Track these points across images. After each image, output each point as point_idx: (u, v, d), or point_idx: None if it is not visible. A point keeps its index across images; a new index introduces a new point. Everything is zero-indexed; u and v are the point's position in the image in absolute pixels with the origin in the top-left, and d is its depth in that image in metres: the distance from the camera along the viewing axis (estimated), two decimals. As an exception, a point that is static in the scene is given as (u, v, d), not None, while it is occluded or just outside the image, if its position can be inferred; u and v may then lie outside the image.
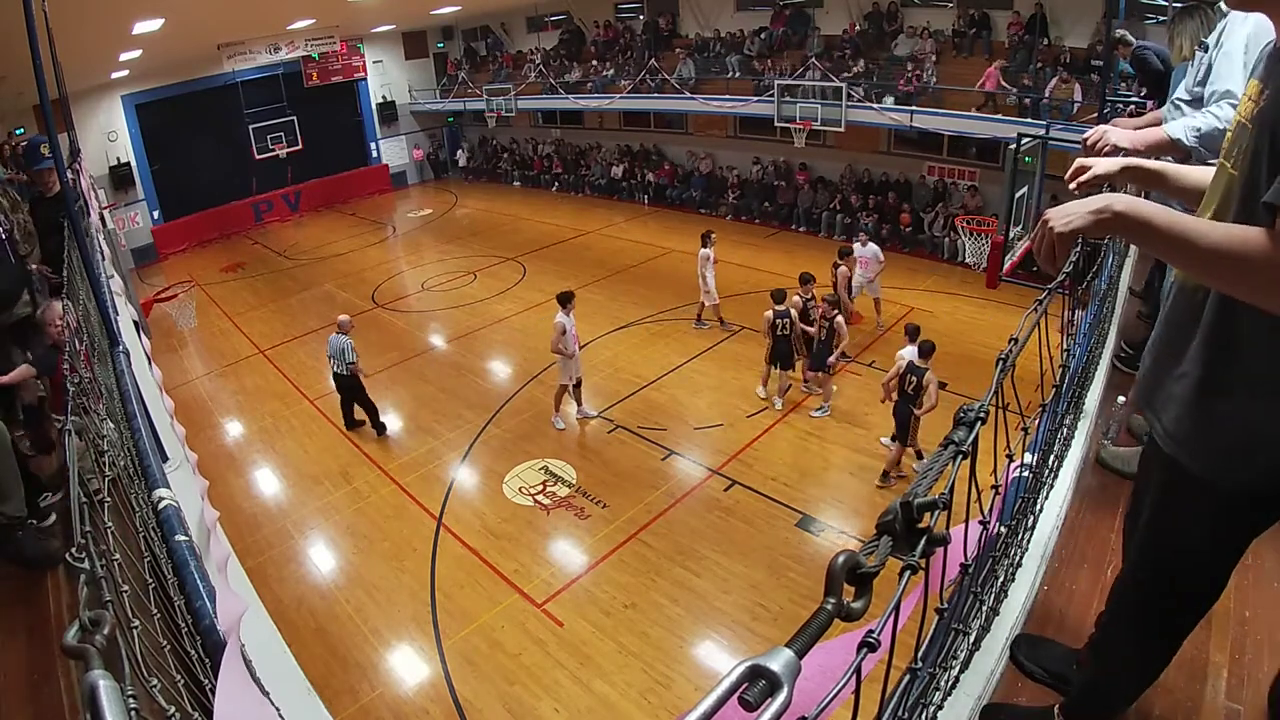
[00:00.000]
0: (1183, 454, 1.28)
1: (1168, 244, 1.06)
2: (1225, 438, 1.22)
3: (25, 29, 2.98)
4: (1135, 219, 1.08)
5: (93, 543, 1.25)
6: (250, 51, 16.46)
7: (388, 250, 16.30)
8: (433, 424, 8.40)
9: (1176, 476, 1.32)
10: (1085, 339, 2.40)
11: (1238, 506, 1.26)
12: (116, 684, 0.88)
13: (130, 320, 5.09)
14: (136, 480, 2.07)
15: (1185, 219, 1.04)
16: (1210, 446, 1.24)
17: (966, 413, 0.95)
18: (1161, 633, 1.48)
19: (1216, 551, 1.35)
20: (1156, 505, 1.44)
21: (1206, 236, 1.00)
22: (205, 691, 1.35)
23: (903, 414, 6.33)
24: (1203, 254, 1.00)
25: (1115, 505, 2.54)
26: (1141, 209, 1.08)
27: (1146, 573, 1.47)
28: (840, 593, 0.65)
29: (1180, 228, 1.03)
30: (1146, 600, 1.48)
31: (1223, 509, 1.27)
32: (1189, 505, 1.32)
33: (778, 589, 5.52)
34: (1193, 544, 1.35)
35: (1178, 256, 1.08)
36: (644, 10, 17.83)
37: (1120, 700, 1.65)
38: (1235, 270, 0.98)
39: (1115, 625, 1.60)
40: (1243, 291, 1.01)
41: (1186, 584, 1.39)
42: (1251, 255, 0.95)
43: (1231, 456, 1.21)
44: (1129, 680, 1.60)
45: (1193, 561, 1.36)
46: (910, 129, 12.41)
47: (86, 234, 3.78)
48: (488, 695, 4.84)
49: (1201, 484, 1.26)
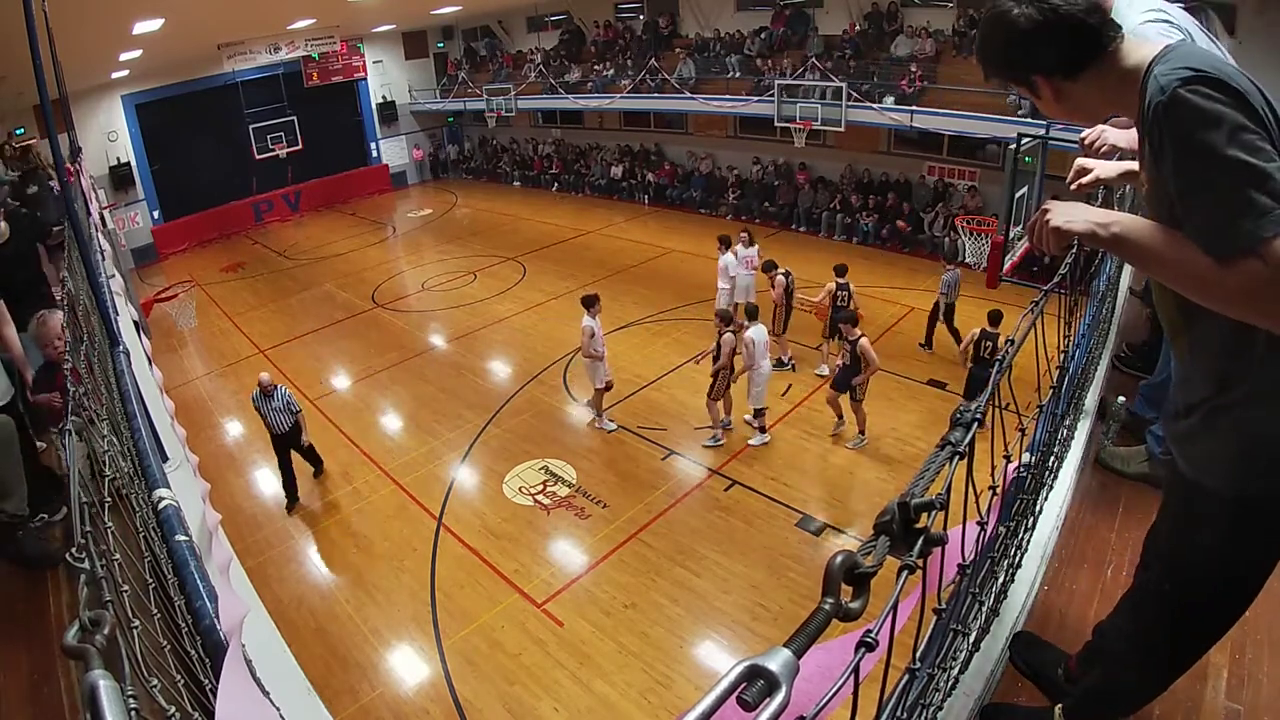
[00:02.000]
0: (1200, 472, 1.29)
1: (1163, 273, 1.10)
2: (1238, 448, 1.22)
3: (25, 29, 2.98)
4: (1134, 245, 1.11)
5: (93, 543, 1.25)
6: (250, 51, 16.46)
7: (388, 250, 16.31)
8: (433, 424, 8.40)
9: (1195, 493, 1.31)
10: (1085, 339, 2.40)
11: (1261, 514, 1.25)
12: (116, 684, 0.88)
13: (130, 320, 5.10)
14: (136, 480, 2.07)
15: (1180, 252, 1.04)
16: (1226, 460, 1.24)
17: (963, 413, 0.95)
18: (1184, 649, 1.47)
19: (1239, 564, 1.33)
20: (1178, 520, 1.43)
21: (1199, 267, 1.01)
22: (205, 691, 1.35)
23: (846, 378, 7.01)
24: (1201, 284, 1.02)
25: (1115, 505, 2.54)
26: (1141, 237, 1.10)
27: (1175, 589, 1.44)
28: (838, 593, 0.65)
29: (1176, 256, 1.05)
30: (1167, 614, 1.45)
31: (1244, 520, 1.26)
32: (1210, 520, 1.31)
33: (777, 589, 5.52)
34: (1216, 558, 1.33)
35: (1178, 285, 1.10)
36: (644, 10, 17.83)
37: (1125, 708, 1.64)
38: (1219, 296, 1.01)
39: (1130, 636, 1.58)
40: (1244, 314, 1.02)
41: (1210, 598, 1.37)
42: (1224, 284, 0.98)
43: (1248, 466, 1.21)
44: (1138, 691, 1.59)
45: (1218, 574, 1.34)
46: (910, 129, 12.41)
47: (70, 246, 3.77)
48: (488, 695, 4.84)
49: (1221, 498, 1.26)
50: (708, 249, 9.74)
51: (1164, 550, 1.50)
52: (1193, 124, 0.96)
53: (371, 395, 9.35)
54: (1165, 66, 1.02)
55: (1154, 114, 1.01)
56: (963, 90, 11.66)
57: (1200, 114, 0.96)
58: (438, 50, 22.22)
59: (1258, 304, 0.96)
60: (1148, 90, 1.04)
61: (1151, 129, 1.03)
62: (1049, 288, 1.50)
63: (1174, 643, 1.47)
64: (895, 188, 13.52)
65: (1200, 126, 0.96)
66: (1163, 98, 0.99)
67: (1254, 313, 0.99)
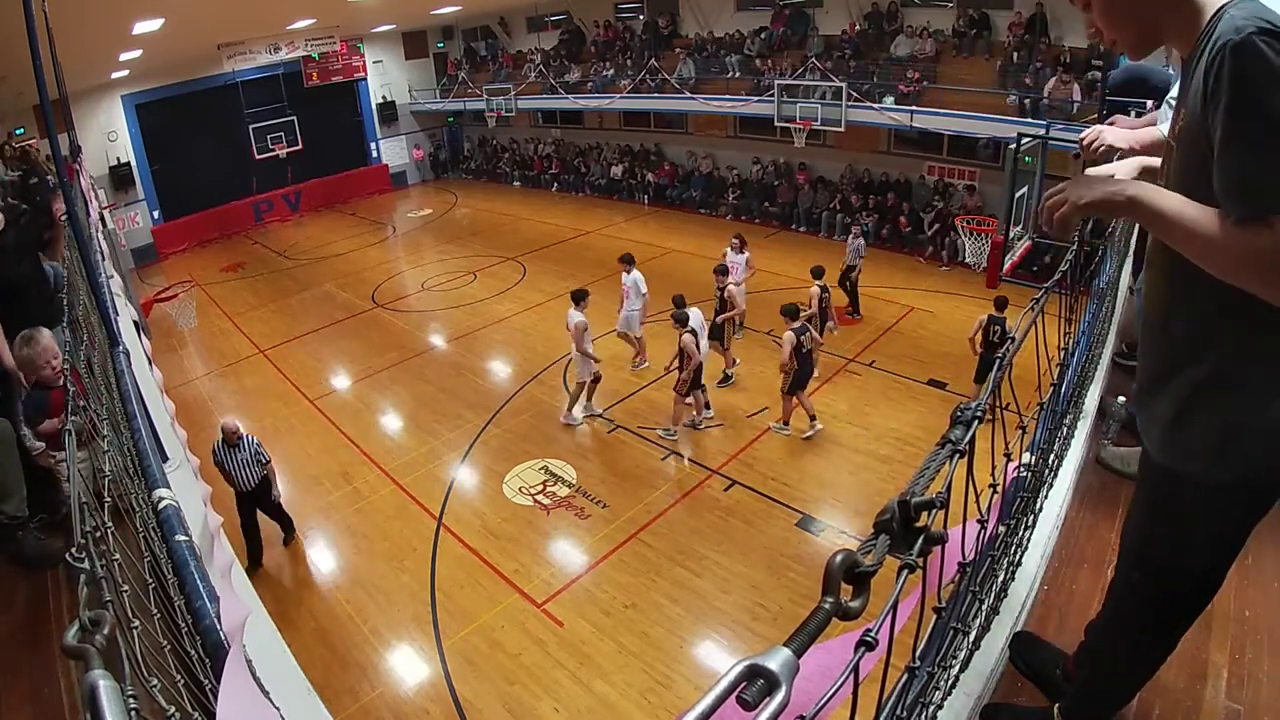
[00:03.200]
0: (1175, 459, 1.30)
1: (1175, 233, 1.08)
2: (1214, 436, 1.23)
3: (25, 29, 2.98)
4: (1149, 208, 1.10)
5: (93, 543, 1.25)
6: (250, 51, 16.46)
7: (388, 250, 16.31)
8: (433, 424, 8.40)
9: (1169, 481, 1.33)
10: (1085, 338, 2.40)
11: (1235, 500, 1.27)
12: (116, 684, 0.88)
13: (130, 320, 5.10)
14: (136, 480, 2.07)
15: (1195, 211, 1.05)
16: (1201, 447, 1.25)
17: (963, 411, 0.95)
18: (1158, 633, 1.49)
19: (1215, 548, 1.36)
20: (1151, 508, 1.45)
21: (1212, 226, 1.01)
22: (205, 691, 1.35)
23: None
24: (1208, 244, 1.02)
25: (1115, 505, 2.54)
26: (1155, 199, 1.10)
27: (1142, 573, 1.47)
28: (838, 592, 0.65)
29: (1189, 218, 1.05)
30: (1142, 601, 1.48)
31: (1218, 506, 1.29)
32: (1185, 506, 1.33)
33: (778, 589, 5.52)
34: (1190, 543, 1.35)
35: (1186, 246, 1.09)
36: (644, 10, 17.83)
37: (1117, 700, 1.66)
38: (1234, 263, 1.01)
39: (1111, 627, 1.60)
40: (1245, 281, 1.02)
41: (1184, 583, 1.40)
42: (1238, 250, 0.98)
43: (1224, 453, 1.22)
44: (1127, 680, 1.61)
45: (1190, 560, 1.37)
46: (910, 129, 12.41)
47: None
48: (488, 695, 4.84)
49: (1196, 484, 1.28)
50: (708, 249, 9.75)
51: (1132, 538, 1.52)
52: (1257, 74, 0.94)
53: (371, 395, 9.35)
54: (1242, 11, 0.99)
55: (1220, 51, 0.98)
56: (963, 90, 11.67)
57: (1268, 68, 0.94)
58: (438, 50, 22.22)
59: (1264, 271, 0.97)
60: (1218, 26, 1.01)
61: (1212, 64, 1.00)
62: (1048, 286, 1.50)
63: (1146, 631, 1.49)
64: (895, 188, 13.52)
65: (1264, 79, 0.94)
66: (1235, 37, 0.96)
67: (1258, 280, 0.99)
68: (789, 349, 6.85)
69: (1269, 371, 1.16)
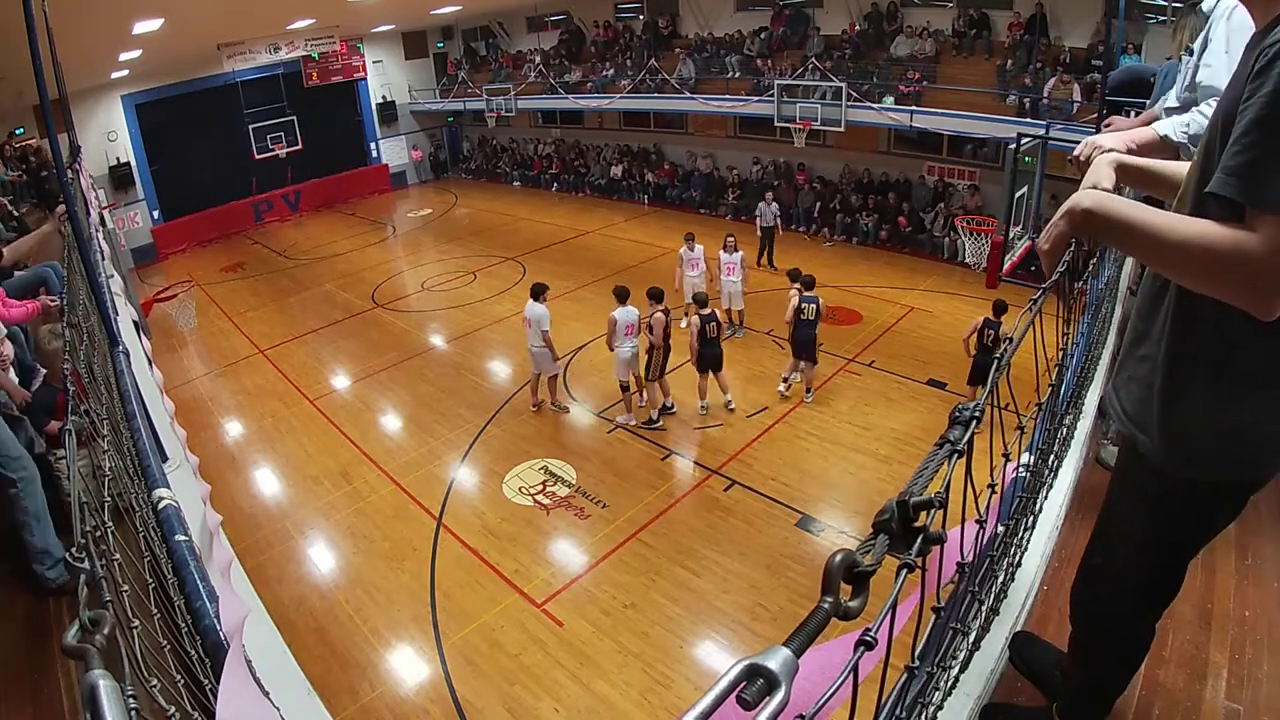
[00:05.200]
0: (1139, 435, 1.29)
1: (1140, 239, 1.05)
2: (1180, 425, 1.22)
3: (25, 29, 2.98)
4: (1105, 216, 1.08)
5: (93, 543, 1.25)
6: (250, 51, 16.45)
7: (387, 250, 16.30)
8: (433, 424, 8.40)
9: (1133, 460, 1.33)
10: (1084, 338, 2.40)
11: (1194, 497, 1.27)
12: (116, 684, 0.88)
13: (130, 320, 5.10)
14: (136, 480, 2.07)
15: (1154, 215, 1.02)
16: (1165, 433, 1.24)
17: (962, 411, 0.95)
18: (1130, 627, 1.48)
19: (1170, 540, 1.35)
20: (1114, 489, 1.45)
21: (1173, 231, 0.98)
22: (205, 691, 1.35)
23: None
24: (1181, 249, 0.98)
25: (1114, 505, 2.54)
26: (1110, 205, 1.07)
27: (1100, 558, 1.47)
28: (837, 591, 0.65)
29: (1150, 223, 1.01)
30: (1099, 587, 1.48)
31: (1177, 499, 1.28)
32: (1143, 490, 1.33)
33: (777, 589, 5.52)
34: (1146, 533, 1.35)
35: (1154, 254, 1.06)
36: (644, 10, 17.83)
37: (1107, 694, 1.66)
38: (1197, 265, 0.97)
39: (1091, 624, 1.61)
40: (1207, 287, 0.98)
41: (1141, 573, 1.40)
42: (1213, 248, 0.93)
43: (1187, 446, 1.22)
44: (1111, 676, 1.61)
45: (1147, 550, 1.37)
46: (910, 129, 12.41)
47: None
48: (488, 695, 4.84)
49: (1155, 472, 1.27)
50: (708, 249, 9.73)
51: (1101, 526, 1.52)
52: None
53: (371, 395, 9.35)
54: None
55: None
56: (962, 90, 11.67)
57: None
58: (438, 50, 22.22)
59: (1244, 276, 0.91)
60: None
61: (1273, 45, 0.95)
62: (1047, 286, 1.50)
63: (1117, 621, 1.49)
64: (895, 188, 13.52)
65: None
66: None
67: (1233, 285, 0.94)
68: (790, 312, 7.59)
69: (1222, 377, 1.15)
